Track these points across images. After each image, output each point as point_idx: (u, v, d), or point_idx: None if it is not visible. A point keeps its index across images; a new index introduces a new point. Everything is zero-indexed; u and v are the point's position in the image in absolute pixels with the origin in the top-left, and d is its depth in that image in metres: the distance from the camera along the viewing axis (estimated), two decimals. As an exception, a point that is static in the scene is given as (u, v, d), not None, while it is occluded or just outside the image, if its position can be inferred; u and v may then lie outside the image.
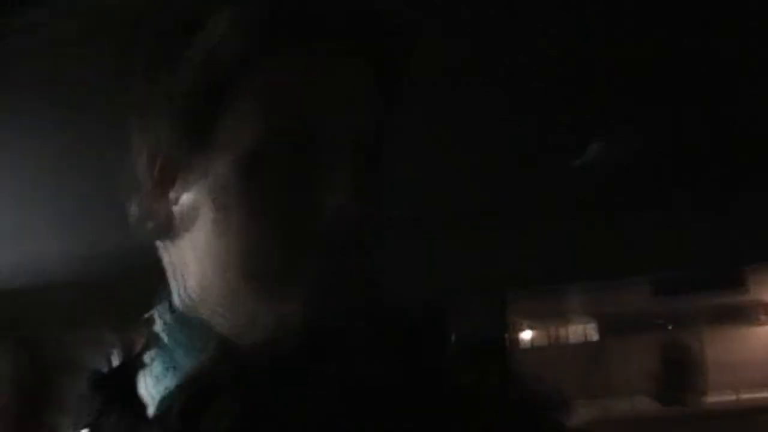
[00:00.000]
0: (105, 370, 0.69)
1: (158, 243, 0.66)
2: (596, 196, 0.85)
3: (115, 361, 0.67)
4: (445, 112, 0.88)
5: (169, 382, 0.62)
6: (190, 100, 0.61)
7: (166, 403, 0.61)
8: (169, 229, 0.64)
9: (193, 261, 0.63)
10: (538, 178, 0.81)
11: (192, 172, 0.63)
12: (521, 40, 0.84)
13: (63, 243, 1.03)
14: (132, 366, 0.66)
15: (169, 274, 0.66)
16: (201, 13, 0.62)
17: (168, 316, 0.65)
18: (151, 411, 0.62)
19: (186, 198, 0.63)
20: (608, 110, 0.85)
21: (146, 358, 0.64)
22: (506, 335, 1.63)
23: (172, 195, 0.64)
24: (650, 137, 0.85)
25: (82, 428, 0.65)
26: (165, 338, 0.64)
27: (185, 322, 0.64)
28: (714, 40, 0.80)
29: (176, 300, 0.66)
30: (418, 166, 0.89)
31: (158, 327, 0.65)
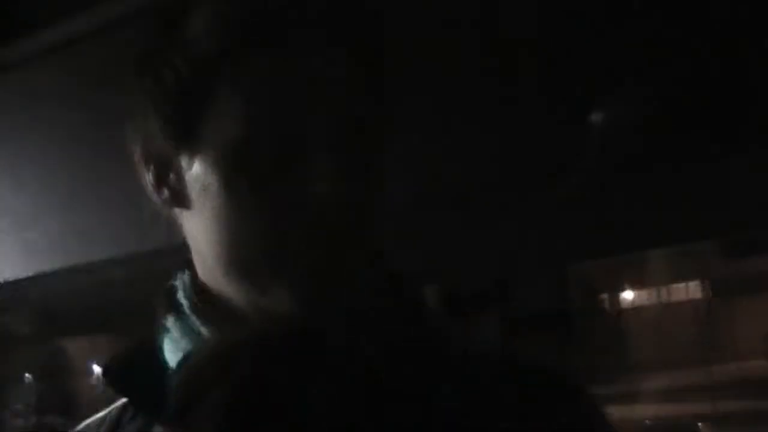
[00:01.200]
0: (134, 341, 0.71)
1: (177, 214, 0.68)
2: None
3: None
4: (466, 87, 0.85)
5: (186, 346, 0.62)
6: (175, 95, 0.61)
7: (179, 369, 0.62)
8: (180, 202, 0.65)
9: (202, 239, 0.64)
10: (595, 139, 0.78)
11: (183, 163, 0.63)
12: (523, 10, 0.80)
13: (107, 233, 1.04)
14: (156, 332, 0.68)
15: (189, 239, 0.68)
16: (183, 10, 0.62)
17: (188, 284, 0.66)
18: (171, 373, 0.64)
19: (183, 181, 0.64)
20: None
21: (168, 323, 0.65)
22: (565, 309, 1.59)
23: (171, 177, 0.65)
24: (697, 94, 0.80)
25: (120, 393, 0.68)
26: (185, 305, 0.65)
27: (202, 292, 0.64)
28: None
29: (196, 269, 0.67)
30: (460, 145, 0.86)
31: (179, 294, 0.67)
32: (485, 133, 0.86)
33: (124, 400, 0.67)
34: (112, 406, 0.69)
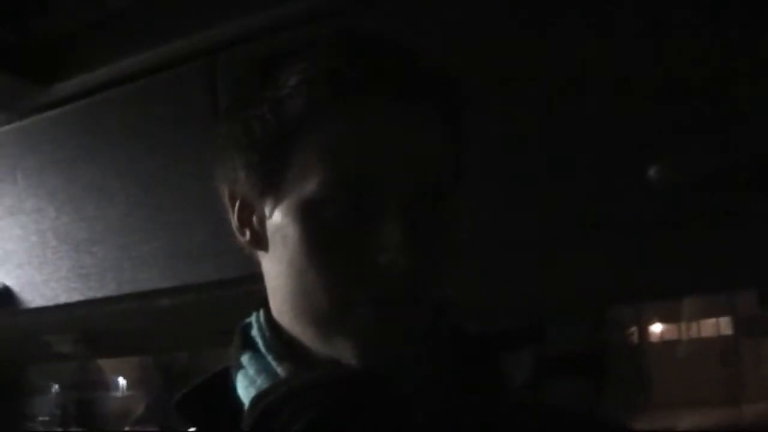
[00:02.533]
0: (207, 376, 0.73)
1: (256, 253, 0.70)
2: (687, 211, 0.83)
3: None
4: (518, 137, 0.86)
5: (261, 384, 0.64)
6: (261, 146, 0.63)
7: (252, 406, 0.63)
8: (259, 244, 0.67)
9: (277, 282, 0.66)
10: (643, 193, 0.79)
11: (265, 209, 0.65)
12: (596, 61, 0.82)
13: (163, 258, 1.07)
14: (230, 368, 0.69)
15: (266, 280, 0.69)
16: (272, 66, 0.64)
17: (263, 322, 0.68)
18: (244, 409, 0.64)
19: (264, 225, 0.66)
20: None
21: (243, 359, 0.67)
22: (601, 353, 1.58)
23: (254, 219, 0.67)
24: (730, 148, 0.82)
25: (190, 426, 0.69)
26: (259, 342, 0.67)
27: (276, 330, 0.66)
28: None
29: (271, 306, 0.68)
30: (509, 194, 0.88)
31: (254, 332, 0.68)
32: (533, 183, 0.87)
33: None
34: None
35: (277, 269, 0.64)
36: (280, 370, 0.64)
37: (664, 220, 0.86)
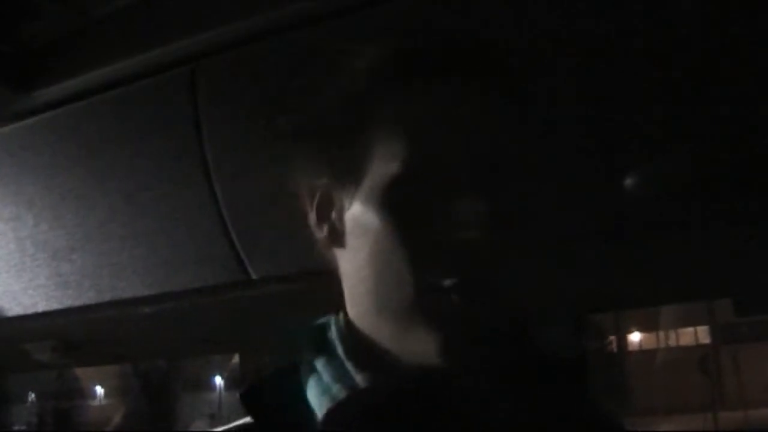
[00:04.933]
0: (267, 374, 0.71)
1: (334, 251, 0.67)
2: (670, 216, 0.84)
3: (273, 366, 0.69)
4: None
5: (337, 392, 0.61)
6: (339, 136, 0.62)
7: (332, 417, 0.60)
8: (336, 240, 0.65)
9: (357, 278, 0.63)
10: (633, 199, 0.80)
11: (344, 202, 0.63)
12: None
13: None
14: (297, 371, 0.66)
15: (344, 280, 0.66)
16: (345, 52, 0.63)
17: (343, 326, 0.65)
18: (318, 419, 0.62)
19: (343, 219, 0.64)
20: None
21: (317, 364, 0.64)
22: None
23: (333, 214, 0.65)
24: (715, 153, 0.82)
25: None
26: (338, 347, 0.64)
27: (357, 334, 0.64)
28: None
29: (348, 311, 0.66)
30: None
31: (332, 335, 0.66)
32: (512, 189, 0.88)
33: (246, 420, 0.67)
34: (237, 425, 0.67)
35: (357, 264, 0.62)
36: (359, 379, 0.61)
37: (641, 228, 0.86)
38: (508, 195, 0.60)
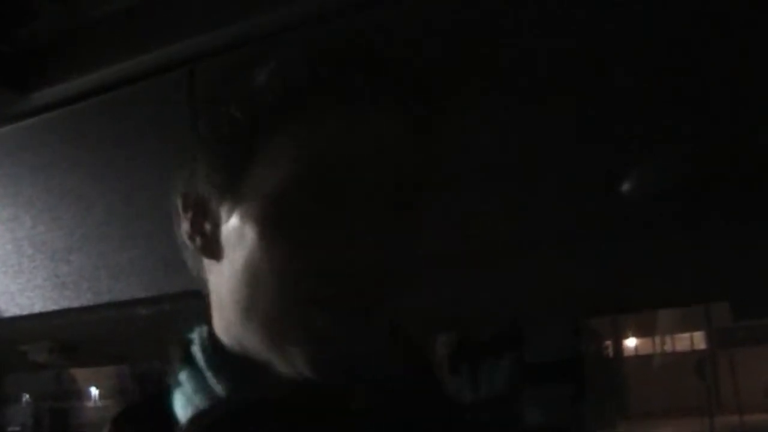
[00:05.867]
0: (141, 390, 0.72)
1: (204, 263, 0.68)
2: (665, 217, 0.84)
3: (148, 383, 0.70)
4: (492, 141, 0.87)
5: (200, 402, 0.62)
6: (227, 143, 0.63)
7: (190, 425, 0.62)
8: (211, 252, 0.65)
9: (226, 290, 0.64)
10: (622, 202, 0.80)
11: (222, 212, 0.64)
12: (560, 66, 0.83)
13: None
14: (167, 384, 0.67)
15: (211, 295, 0.67)
16: (244, 63, 0.64)
17: (205, 338, 0.66)
18: (180, 428, 0.63)
19: (218, 230, 0.64)
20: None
21: (181, 376, 0.65)
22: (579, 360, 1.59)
23: (207, 226, 0.65)
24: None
25: None
26: (200, 359, 0.65)
27: (218, 347, 0.65)
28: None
29: (214, 323, 0.67)
30: (486, 198, 0.88)
31: (195, 347, 0.67)
32: (509, 191, 0.88)
33: None
34: None
35: (229, 276, 0.63)
36: (219, 389, 0.62)
37: (637, 231, 0.86)
38: (385, 209, 0.60)
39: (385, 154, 0.61)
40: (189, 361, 0.66)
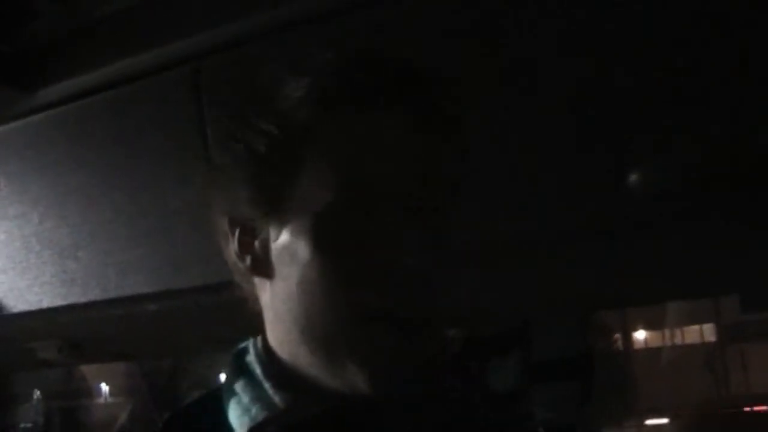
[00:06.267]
0: (193, 397, 0.71)
1: (255, 281, 0.67)
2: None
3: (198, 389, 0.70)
4: (503, 147, 0.87)
5: (256, 413, 0.62)
6: (266, 163, 0.62)
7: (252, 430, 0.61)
8: (262, 271, 0.64)
9: (281, 306, 0.64)
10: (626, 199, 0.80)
11: (270, 232, 0.63)
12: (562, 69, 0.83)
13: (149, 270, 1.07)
14: (221, 394, 0.67)
15: (264, 311, 0.67)
16: (273, 79, 0.63)
17: (261, 350, 0.66)
18: None
19: (268, 248, 0.63)
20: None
21: (237, 386, 0.65)
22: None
23: (256, 244, 0.64)
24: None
25: None
26: (256, 369, 0.65)
27: (275, 359, 0.64)
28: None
29: (268, 336, 0.66)
30: (495, 197, 0.88)
31: (251, 358, 0.66)
32: (516, 189, 0.88)
33: None
34: None
35: (283, 294, 0.62)
36: (277, 399, 0.62)
37: (646, 226, 0.86)
38: (442, 222, 0.61)
39: (423, 159, 0.60)
40: (244, 371, 0.66)
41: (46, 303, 1.13)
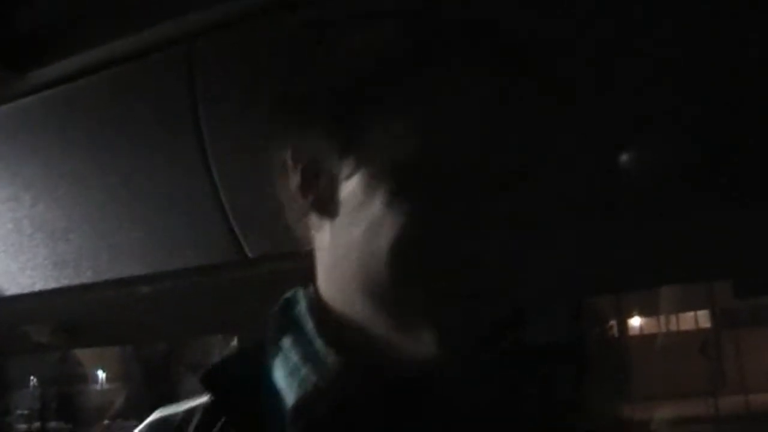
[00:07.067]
0: (230, 354, 0.67)
1: (313, 219, 0.61)
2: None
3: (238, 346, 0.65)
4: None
5: (307, 374, 0.57)
6: (352, 97, 0.57)
7: (304, 403, 0.57)
8: (325, 210, 0.60)
9: (342, 250, 0.58)
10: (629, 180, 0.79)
11: (343, 171, 0.58)
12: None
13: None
14: (261, 350, 0.62)
15: (319, 254, 0.62)
16: (368, 17, 0.60)
17: (313, 301, 0.61)
18: (288, 402, 0.58)
19: (336, 187, 0.58)
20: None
21: (284, 343, 0.60)
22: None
23: (322, 181, 0.59)
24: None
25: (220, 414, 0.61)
26: (307, 324, 0.60)
27: (329, 311, 0.60)
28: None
29: (321, 285, 0.61)
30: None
31: (301, 310, 0.61)
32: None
33: (203, 400, 0.63)
34: (193, 404, 0.64)
35: (347, 237, 0.57)
36: (330, 360, 0.57)
37: (640, 210, 0.86)
38: (524, 192, 0.56)
39: (513, 129, 0.56)
40: (292, 326, 0.60)
41: (39, 286, 1.13)
